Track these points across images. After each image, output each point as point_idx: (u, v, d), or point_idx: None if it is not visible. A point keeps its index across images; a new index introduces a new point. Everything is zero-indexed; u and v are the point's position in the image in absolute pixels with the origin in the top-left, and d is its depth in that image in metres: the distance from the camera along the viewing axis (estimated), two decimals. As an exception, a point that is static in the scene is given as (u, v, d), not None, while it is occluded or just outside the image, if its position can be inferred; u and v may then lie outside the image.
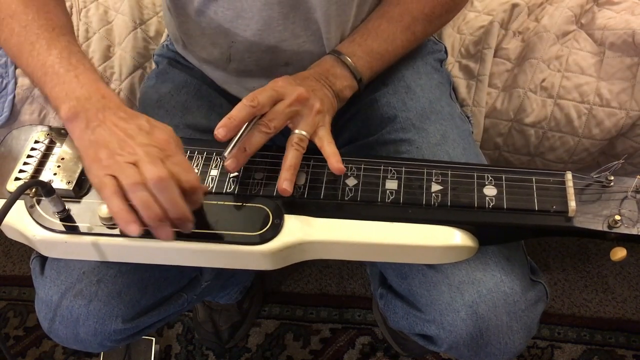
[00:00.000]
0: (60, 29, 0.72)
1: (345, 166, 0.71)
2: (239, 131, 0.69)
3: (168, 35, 1.00)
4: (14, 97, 1.12)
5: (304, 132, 0.72)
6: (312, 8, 0.79)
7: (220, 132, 0.67)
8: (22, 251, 1.52)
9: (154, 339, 1.29)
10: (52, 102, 0.68)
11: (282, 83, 0.73)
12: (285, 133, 0.94)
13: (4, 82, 1.12)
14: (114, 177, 0.61)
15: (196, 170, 0.74)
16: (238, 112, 0.68)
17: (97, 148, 0.63)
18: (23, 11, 0.72)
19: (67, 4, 1.17)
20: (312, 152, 0.75)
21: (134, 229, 0.60)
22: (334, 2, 0.79)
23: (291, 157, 0.70)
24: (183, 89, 0.91)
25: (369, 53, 0.83)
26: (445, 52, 1.04)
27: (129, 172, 0.60)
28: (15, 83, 1.13)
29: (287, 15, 0.79)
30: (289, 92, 0.72)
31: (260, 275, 1.40)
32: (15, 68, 1.13)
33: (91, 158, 0.63)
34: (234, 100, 0.92)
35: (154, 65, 1.05)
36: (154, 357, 1.28)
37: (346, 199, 0.71)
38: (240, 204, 0.71)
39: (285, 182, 0.69)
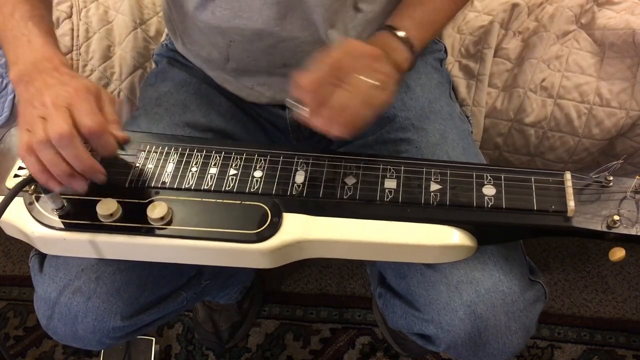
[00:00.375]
0: None
1: (344, 165, 0.72)
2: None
3: (167, 35, 1.00)
4: (14, 97, 1.12)
5: (372, 81, 0.68)
6: (310, 9, 0.79)
7: (306, 96, 0.68)
8: (22, 251, 1.53)
9: (154, 339, 1.29)
10: (8, 64, 0.72)
11: (358, 42, 0.71)
12: (285, 132, 0.95)
13: (4, 82, 1.12)
14: (29, 131, 0.64)
15: (195, 168, 0.74)
16: (320, 73, 0.67)
17: (25, 105, 0.67)
18: None
19: (67, 4, 1.17)
20: (311, 150, 0.75)
21: (53, 184, 0.65)
22: (332, 4, 0.79)
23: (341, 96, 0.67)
24: (182, 88, 0.91)
25: (419, 25, 0.81)
26: (445, 51, 1.04)
27: (37, 129, 0.63)
28: (16, 83, 1.13)
29: (285, 16, 0.79)
30: (365, 51, 0.70)
31: (260, 275, 1.40)
32: (16, 67, 1.13)
33: (20, 114, 0.67)
34: (233, 99, 0.93)
35: (153, 65, 1.05)
36: (154, 357, 1.28)
37: (345, 197, 0.71)
38: (239, 202, 0.71)
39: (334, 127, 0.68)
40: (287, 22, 0.80)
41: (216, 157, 0.75)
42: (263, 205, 0.70)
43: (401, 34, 0.78)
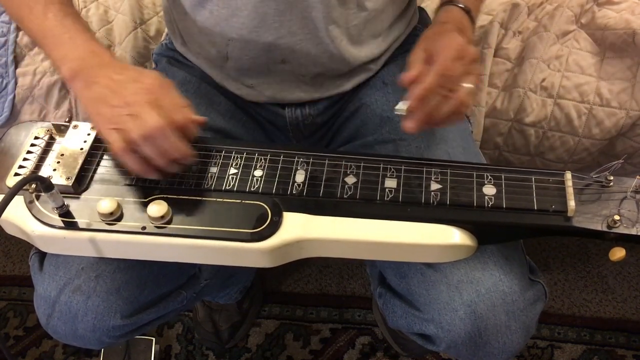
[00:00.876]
0: None
1: (344, 164, 0.71)
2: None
3: (167, 34, 1.00)
4: (14, 97, 1.13)
5: (471, 85, 0.71)
6: (309, 7, 0.79)
7: (415, 104, 0.69)
8: (22, 251, 1.52)
9: (154, 339, 1.29)
10: (54, 64, 0.74)
11: (460, 40, 0.72)
12: (284, 131, 0.95)
13: (4, 82, 1.12)
14: (118, 130, 0.66)
15: (196, 167, 0.74)
16: (433, 81, 0.69)
17: (97, 104, 0.69)
18: None
19: (68, 3, 1.17)
20: (311, 149, 0.75)
21: (153, 176, 0.70)
22: (333, 2, 0.79)
23: (446, 109, 0.70)
24: (182, 87, 0.91)
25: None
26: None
27: (131, 126, 0.66)
28: (16, 83, 1.13)
29: (284, 12, 0.79)
30: (466, 52, 0.72)
31: (260, 275, 1.39)
32: (16, 68, 1.13)
33: (94, 114, 0.69)
34: (232, 98, 0.93)
35: (153, 65, 1.05)
36: (154, 357, 1.28)
37: (345, 197, 0.71)
38: (239, 201, 0.71)
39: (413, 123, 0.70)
40: (286, 19, 0.80)
41: (216, 156, 0.75)
42: (263, 205, 0.70)
43: (463, 5, 0.81)
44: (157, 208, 0.68)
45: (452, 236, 0.68)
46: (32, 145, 0.76)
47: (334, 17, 0.82)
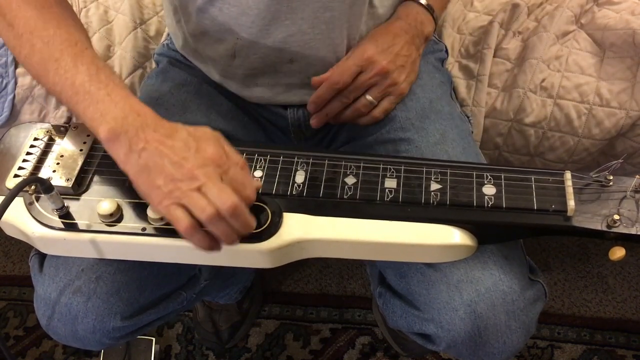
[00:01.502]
0: (82, 43, 0.69)
1: (344, 164, 0.72)
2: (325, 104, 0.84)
3: (168, 35, 1.00)
4: (14, 97, 1.12)
5: (370, 98, 0.82)
6: (322, 7, 0.79)
7: (311, 107, 0.84)
8: (22, 251, 1.53)
9: (154, 339, 1.29)
10: (88, 124, 0.65)
11: (370, 54, 0.81)
12: (286, 132, 0.95)
13: (4, 82, 1.12)
14: (183, 206, 0.61)
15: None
16: (325, 92, 0.83)
17: (150, 173, 0.62)
18: (43, 27, 0.68)
19: (68, 4, 1.17)
20: (311, 149, 0.75)
21: (217, 249, 0.64)
22: (345, 3, 0.79)
23: (346, 115, 0.86)
24: (183, 88, 0.91)
25: None
26: (446, 51, 1.04)
27: (200, 203, 0.60)
28: (15, 83, 1.13)
29: (295, 11, 0.78)
30: (371, 66, 0.81)
31: (260, 275, 1.40)
32: (16, 68, 1.13)
33: (147, 185, 0.62)
34: (233, 99, 0.92)
35: (154, 65, 1.05)
36: (154, 357, 1.28)
37: (345, 197, 0.71)
38: None
39: (315, 117, 0.87)
40: (298, 18, 0.79)
41: None
42: (263, 205, 0.70)
43: (424, 2, 0.87)
44: (157, 209, 0.68)
45: (452, 236, 0.68)
46: (32, 146, 0.76)
47: (346, 17, 0.82)
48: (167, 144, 0.62)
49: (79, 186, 0.72)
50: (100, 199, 0.70)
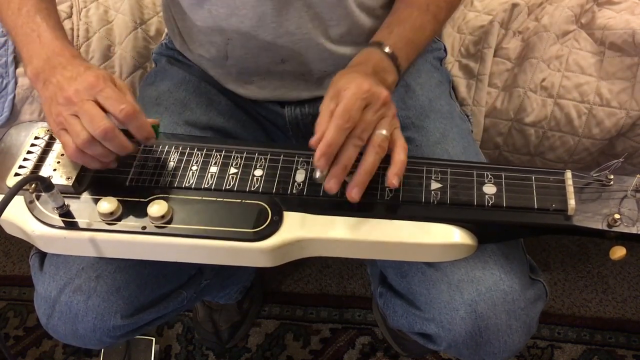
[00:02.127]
0: None
1: None
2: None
3: (167, 34, 1.00)
4: (14, 97, 1.12)
5: (385, 132, 0.67)
6: (308, 6, 0.79)
7: (322, 162, 0.64)
8: (22, 251, 1.52)
9: (154, 339, 1.29)
10: (22, 61, 0.74)
11: (367, 86, 0.67)
12: (284, 130, 0.95)
13: (4, 82, 1.12)
14: (66, 131, 0.67)
15: (196, 167, 0.74)
16: (337, 136, 0.64)
17: (50, 103, 0.69)
18: None
19: (67, 4, 1.17)
20: (311, 149, 0.75)
21: (105, 166, 0.70)
22: (330, 2, 0.79)
23: (372, 161, 0.66)
24: (182, 86, 0.91)
25: (407, 43, 0.80)
26: (445, 50, 1.04)
27: (76, 129, 0.66)
28: (16, 83, 1.13)
29: (281, 12, 0.79)
30: (375, 97, 0.67)
31: (260, 275, 1.39)
32: (16, 68, 1.13)
33: (47, 114, 0.70)
34: (232, 97, 0.93)
35: (153, 65, 1.05)
36: (154, 357, 1.28)
37: (345, 196, 0.70)
38: (239, 200, 0.71)
39: (355, 190, 0.66)
40: (284, 18, 0.80)
41: (216, 156, 0.75)
42: (263, 204, 0.70)
43: (389, 50, 0.78)
44: (158, 208, 0.68)
45: (452, 235, 0.68)
46: (32, 145, 0.76)
47: (333, 17, 0.82)
48: (65, 75, 0.69)
49: (80, 185, 0.72)
50: (100, 198, 0.70)
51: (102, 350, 1.28)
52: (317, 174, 0.66)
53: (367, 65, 0.75)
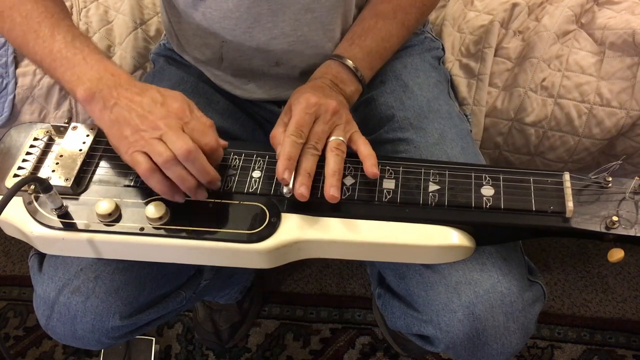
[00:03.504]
0: (59, 14, 0.75)
1: (344, 165, 0.71)
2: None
3: (165, 34, 1.00)
4: (14, 97, 1.13)
5: (340, 137, 0.72)
6: (302, 8, 0.79)
7: (287, 175, 0.68)
8: (22, 251, 1.53)
9: (154, 339, 1.29)
10: (66, 86, 0.71)
11: (315, 100, 0.72)
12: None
13: (4, 82, 1.12)
14: (145, 153, 0.65)
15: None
16: (292, 150, 0.69)
17: (120, 126, 0.67)
18: (21, 2, 0.74)
19: (67, 4, 1.17)
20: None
21: (179, 198, 0.68)
22: (323, 6, 0.80)
23: (334, 162, 0.70)
24: (180, 87, 0.92)
25: (369, 54, 0.83)
26: (443, 49, 1.04)
27: (159, 149, 0.64)
28: (16, 83, 1.13)
29: (276, 13, 0.79)
30: (323, 109, 0.72)
31: (260, 275, 1.40)
32: (16, 68, 1.13)
33: (117, 137, 0.67)
34: (230, 97, 0.93)
35: (152, 65, 1.05)
36: (154, 357, 1.28)
37: (343, 198, 0.70)
38: (237, 202, 0.71)
39: (332, 189, 0.68)
40: (279, 20, 0.80)
41: None
42: (261, 206, 0.70)
43: (350, 63, 0.81)
44: (156, 209, 0.68)
45: (450, 237, 0.68)
46: (32, 146, 0.76)
47: (331, 19, 0.82)
48: (135, 100, 0.67)
49: (78, 186, 0.72)
50: (98, 199, 0.70)
51: (102, 350, 1.28)
52: (285, 190, 0.69)
53: (324, 79, 0.79)
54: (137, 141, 0.65)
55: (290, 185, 0.68)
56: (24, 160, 0.75)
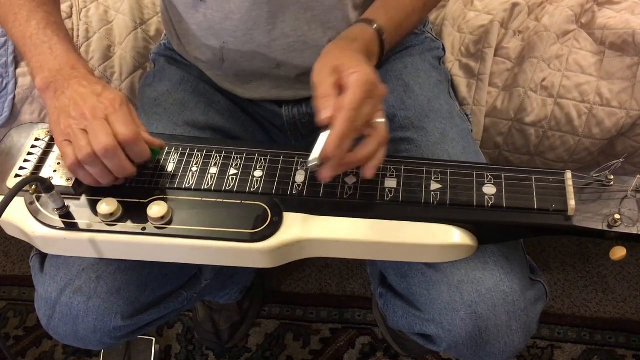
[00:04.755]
0: (40, 0, 0.78)
1: None
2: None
3: (165, 34, 1.00)
4: (14, 97, 1.12)
5: (384, 120, 0.67)
6: (302, 9, 0.79)
7: (336, 153, 0.63)
8: (22, 251, 1.52)
9: (154, 339, 1.29)
10: (30, 71, 0.75)
11: (374, 78, 0.65)
12: (282, 130, 0.95)
13: (4, 82, 1.12)
14: (70, 144, 0.67)
15: (196, 168, 0.74)
16: (348, 128, 0.62)
17: (59, 113, 0.69)
18: None
19: (67, 4, 1.17)
20: (310, 149, 0.75)
21: (97, 184, 0.70)
22: (322, 5, 0.79)
23: (372, 150, 0.66)
24: (180, 86, 0.92)
25: (396, 27, 0.79)
26: (443, 49, 1.04)
27: (80, 143, 0.66)
28: (16, 83, 1.13)
29: (277, 15, 0.79)
30: (377, 92, 0.66)
31: (260, 275, 1.39)
32: (16, 68, 1.13)
33: (54, 123, 0.70)
34: (231, 97, 0.93)
35: (152, 65, 1.05)
36: (154, 357, 1.28)
37: (345, 197, 0.71)
38: (239, 201, 0.71)
39: (341, 168, 0.65)
40: (279, 20, 0.80)
41: (216, 156, 0.75)
42: (263, 205, 0.70)
43: (385, 37, 0.77)
44: (157, 209, 0.68)
45: (452, 236, 0.68)
46: (33, 147, 0.77)
47: (330, 19, 0.82)
48: (79, 91, 0.70)
49: (80, 186, 0.72)
50: (100, 199, 0.70)
51: (102, 350, 1.28)
52: (312, 162, 0.64)
53: (360, 44, 0.74)
54: (65, 129, 0.67)
55: (318, 155, 0.63)
56: (25, 161, 0.75)
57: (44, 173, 0.73)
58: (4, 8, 0.79)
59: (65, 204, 0.70)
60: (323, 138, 0.64)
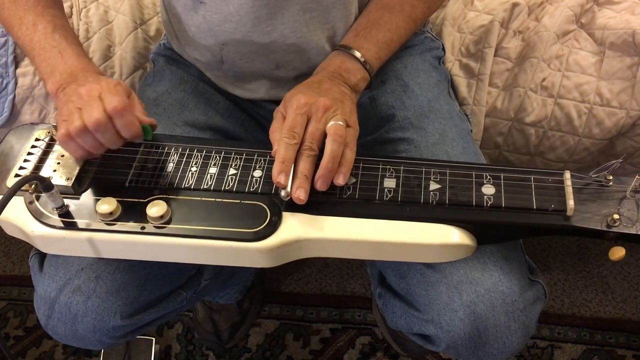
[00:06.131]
0: (46, 2, 0.78)
1: None
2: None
3: (165, 34, 1.00)
4: (14, 97, 1.12)
5: (340, 122, 0.70)
6: (301, 10, 0.79)
7: (282, 178, 0.67)
8: (22, 251, 1.53)
9: (154, 339, 1.29)
10: (40, 76, 0.77)
11: (305, 100, 0.71)
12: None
13: (4, 82, 1.12)
14: (66, 121, 0.69)
15: (195, 168, 0.74)
16: (286, 152, 0.68)
17: (64, 105, 0.72)
18: None
19: (67, 4, 1.17)
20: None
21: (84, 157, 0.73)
22: (321, 5, 0.80)
23: (332, 149, 0.69)
24: (180, 87, 0.92)
25: (376, 44, 0.82)
26: (443, 49, 1.04)
27: (74, 118, 0.68)
28: (16, 83, 1.13)
29: (275, 15, 0.80)
30: (314, 108, 0.71)
31: (260, 275, 1.40)
32: (16, 68, 1.13)
33: (59, 114, 0.72)
34: (230, 97, 0.93)
35: (152, 65, 1.05)
36: (154, 357, 1.28)
37: (344, 197, 0.71)
38: (238, 201, 0.71)
39: (320, 181, 0.69)
40: (278, 22, 0.80)
41: (216, 156, 0.75)
42: (262, 205, 0.70)
43: (357, 54, 0.80)
44: (157, 208, 0.68)
45: (451, 236, 0.68)
46: (33, 146, 0.77)
47: (329, 19, 0.82)
48: (83, 82, 0.72)
49: (79, 185, 0.72)
50: (99, 198, 0.70)
51: (102, 350, 1.28)
52: (282, 193, 0.68)
53: (324, 72, 0.79)
54: (64, 111, 0.70)
55: (288, 189, 0.68)
56: (25, 161, 0.75)
57: (44, 173, 0.73)
58: (7, 12, 0.79)
59: (65, 204, 0.70)
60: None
